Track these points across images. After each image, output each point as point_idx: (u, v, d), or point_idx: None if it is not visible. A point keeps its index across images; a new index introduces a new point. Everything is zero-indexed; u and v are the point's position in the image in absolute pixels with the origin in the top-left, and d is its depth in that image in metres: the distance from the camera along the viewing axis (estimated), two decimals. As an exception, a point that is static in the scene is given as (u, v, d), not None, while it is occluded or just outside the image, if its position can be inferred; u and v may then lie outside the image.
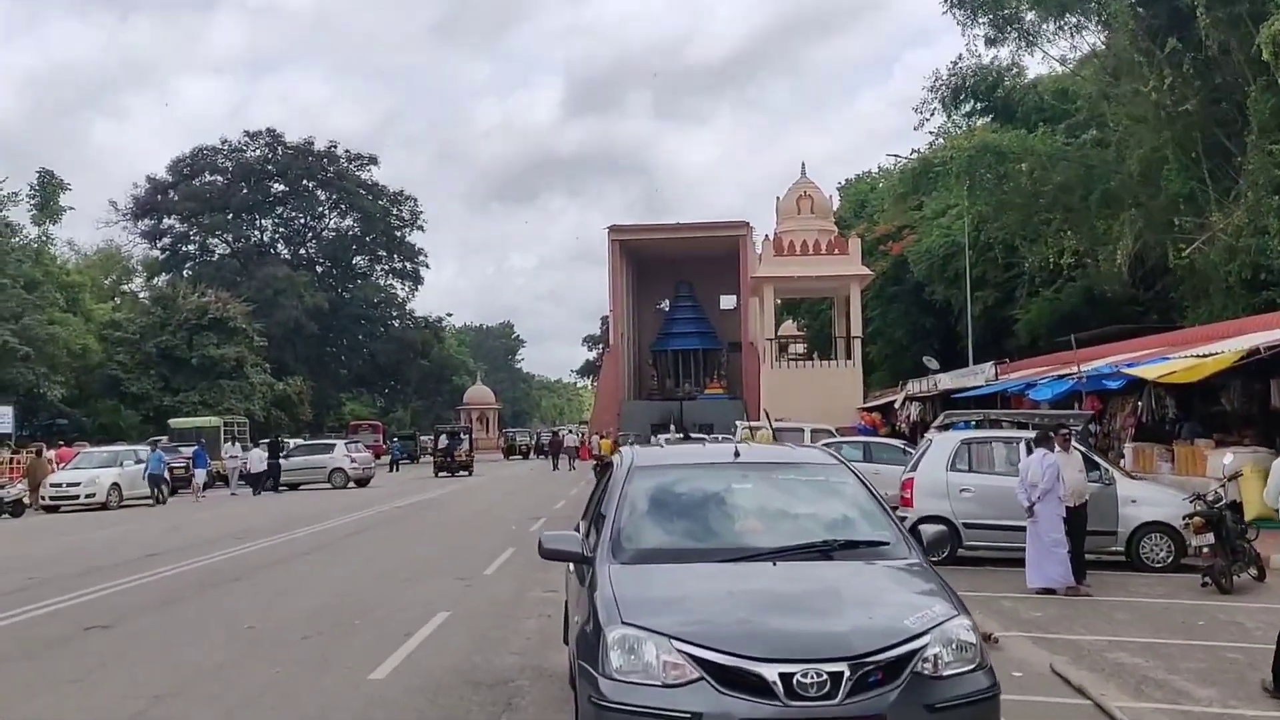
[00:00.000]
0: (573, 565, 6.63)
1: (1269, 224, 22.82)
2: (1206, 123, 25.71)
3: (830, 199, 52.63)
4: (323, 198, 78.48)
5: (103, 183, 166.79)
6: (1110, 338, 26.69)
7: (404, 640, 9.87)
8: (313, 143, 76.09)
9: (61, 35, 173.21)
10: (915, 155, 37.65)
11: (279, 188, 77.13)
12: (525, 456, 75.85)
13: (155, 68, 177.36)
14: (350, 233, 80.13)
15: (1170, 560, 13.63)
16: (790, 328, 62.42)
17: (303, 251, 79.40)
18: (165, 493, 31.98)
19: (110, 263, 71.28)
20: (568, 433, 65.84)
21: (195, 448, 36.27)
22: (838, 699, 4.67)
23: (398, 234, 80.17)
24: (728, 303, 76.98)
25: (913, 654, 4.84)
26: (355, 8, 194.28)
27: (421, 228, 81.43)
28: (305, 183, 76.43)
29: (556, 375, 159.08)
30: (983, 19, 30.38)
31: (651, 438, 40.64)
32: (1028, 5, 29.62)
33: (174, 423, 45.85)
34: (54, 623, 11.45)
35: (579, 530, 7.00)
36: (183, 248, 75.47)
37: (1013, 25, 30.57)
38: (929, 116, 34.84)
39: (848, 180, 64.80)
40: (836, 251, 46.40)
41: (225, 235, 76.24)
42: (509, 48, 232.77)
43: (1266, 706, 7.42)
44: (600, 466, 31.38)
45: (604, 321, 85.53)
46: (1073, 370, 21.56)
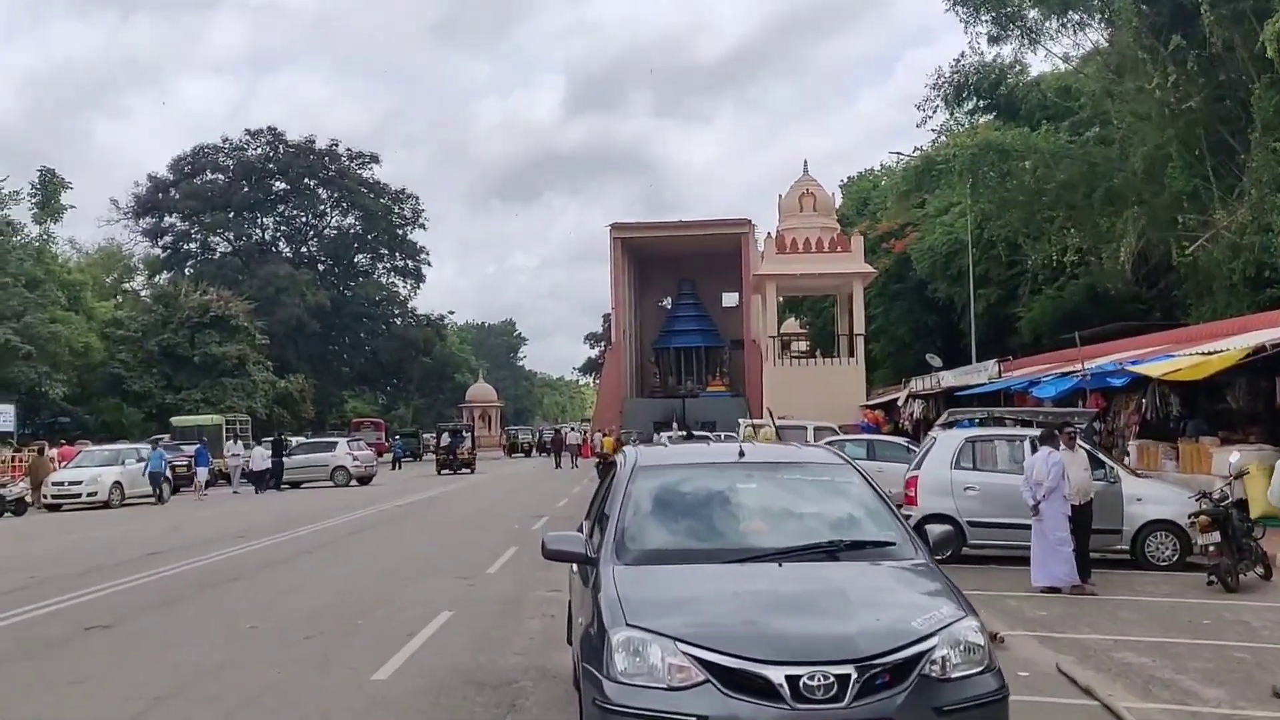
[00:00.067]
0: (576, 565, 6.57)
1: (1273, 221, 22.76)
2: (1210, 120, 25.63)
3: (832, 197, 52.56)
4: (324, 196, 78.42)
5: (104, 181, 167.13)
6: (1114, 335, 26.62)
7: (406, 640, 9.82)
8: (314, 141, 76.20)
9: (62, 34, 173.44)
10: (918, 153, 37.62)
11: (280, 186, 77.08)
12: (527, 454, 75.93)
13: (156, 66, 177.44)
14: (352, 231, 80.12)
15: (1175, 559, 13.59)
16: (792, 325, 62.38)
17: (304, 250, 79.35)
18: (167, 491, 32.00)
19: (111, 261, 71.19)
20: (570, 430, 65.81)
21: (197, 446, 36.28)
22: (845, 702, 4.62)
23: (399, 232, 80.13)
24: (730, 300, 76.84)
25: (920, 656, 4.79)
26: (356, 6, 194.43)
27: (423, 226, 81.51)
28: (307, 181, 76.36)
29: (558, 373, 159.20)
30: (985, 16, 30.37)
31: (654, 435, 40.67)
32: (1030, 3, 29.60)
33: (176, 421, 45.85)
34: (54, 622, 11.41)
35: (582, 530, 6.96)
36: (184, 246, 75.42)
37: (1015, 23, 30.54)
38: (931, 114, 34.87)
39: (850, 178, 64.76)
40: (839, 249, 46.36)
41: (226, 234, 76.19)
42: (510, 46, 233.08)
43: (1276, 708, 7.35)
44: (603, 465, 31.48)
45: (606, 319, 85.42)
46: (1077, 368, 21.51)
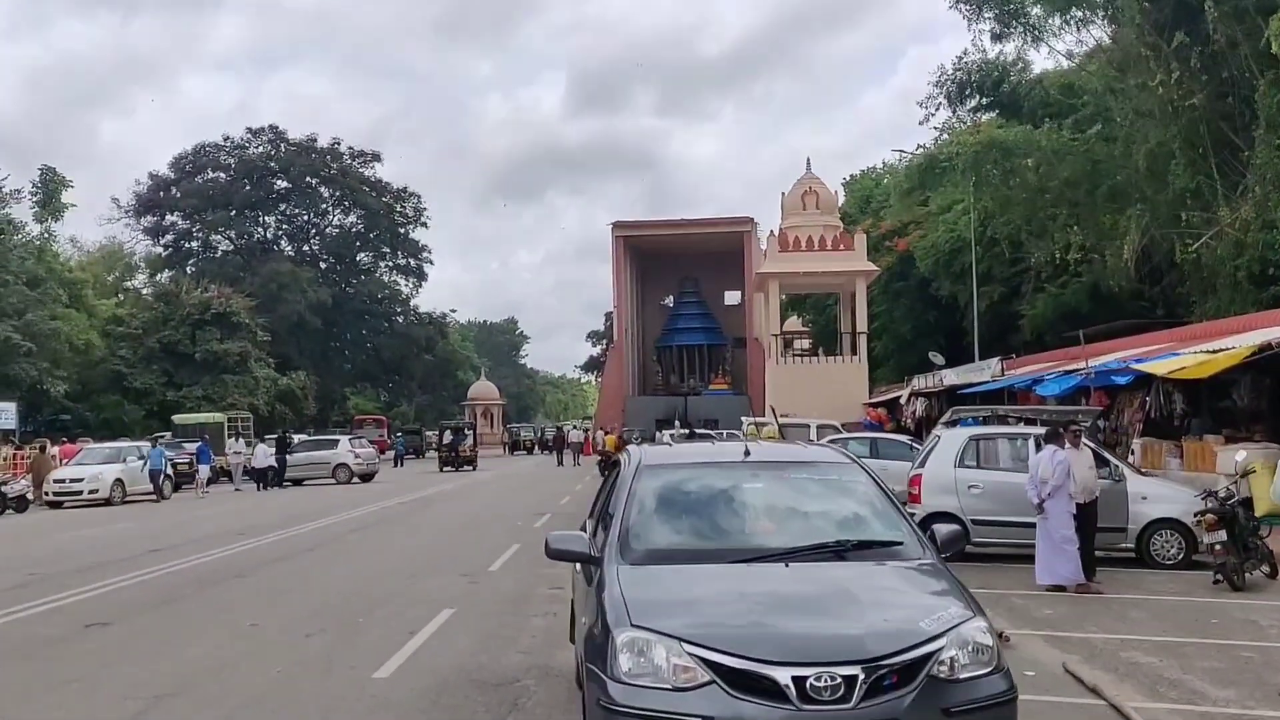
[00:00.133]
0: (579, 565, 6.52)
1: (1277, 219, 22.68)
2: (1214, 117, 25.55)
3: (835, 194, 52.50)
4: (326, 194, 78.30)
5: (105, 180, 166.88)
6: (1117, 333, 26.58)
7: (408, 638, 9.77)
8: (316, 139, 76.08)
9: (64, 32, 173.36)
10: (920, 151, 37.54)
11: (282, 184, 76.96)
12: (529, 452, 76.07)
13: (158, 65, 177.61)
14: (354, 229, 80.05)
15: (1181, 557, 13.53)
16: (795, 323, 62.31)
17: (306, 248, 79.28)
18: (168, 488, 31.99)
19: (113, 259, 71.20)
20: (572, 429, 65.84)
21: (199, 443, 36.26)
22: (852, 703, 4.57)
23: (401, 230, 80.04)
24: (732, 298, 76.78)
25: (928, 657, 4.73)
26: (358, 4, 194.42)
27: (425, 224, 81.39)
28: (308, 179, 76.24)
29: (560, 371, 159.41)
30: (989, 14, 30.30)
31: (656, 434, 40.67)
32: (1033, 0, 29.50)
33: (178, 418, 45.86)
34: (54, 620, 11.37)
35: (585, 529, 6.90)
36: (185, 244, 75.36)
37: (1018, 20, 30.44)
38: (934, 112, 34.78)
39: (852, 176, 64.69)
40: (842, 247, 46.31)
41: (228, 232, 76.10)
42: (513, 43, 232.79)
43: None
44: (605, 463, 31.44)
45: (608, 317, 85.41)
46: (1081, 366, 21.45)
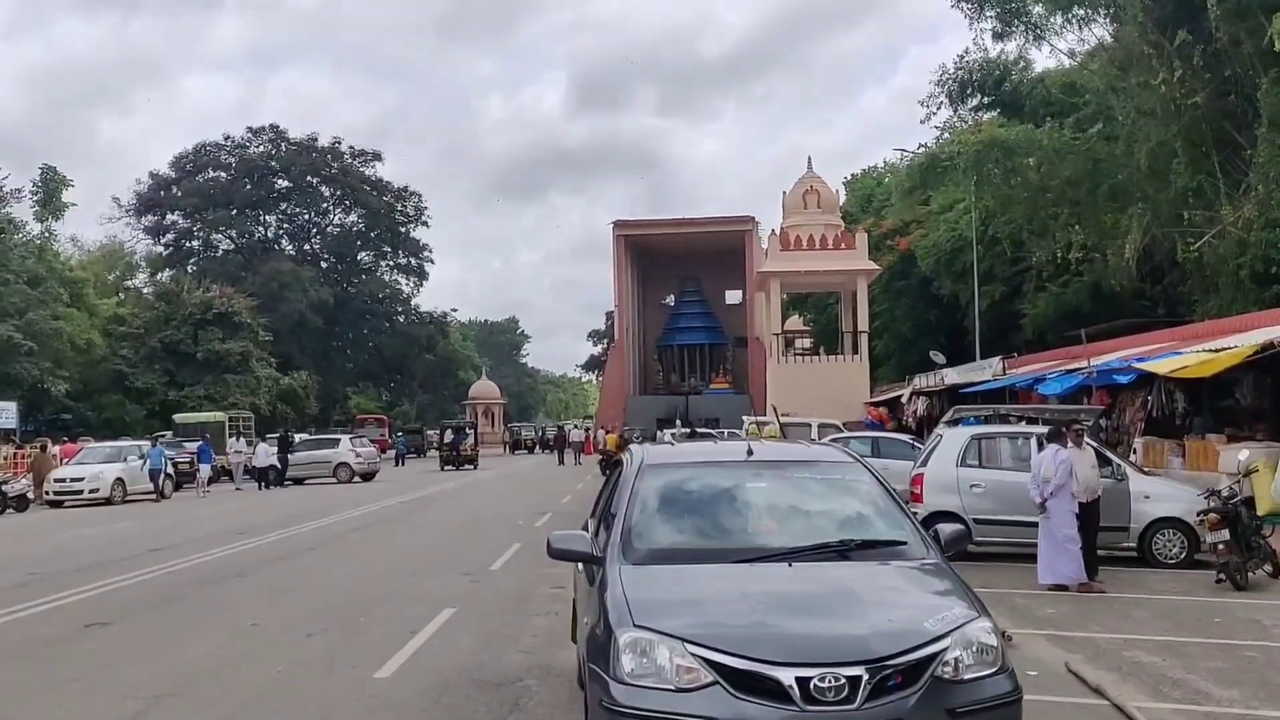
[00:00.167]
0: (581, 564, 6.49)
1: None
2: (1216, 115, 25.48)
3: (836, 193, 52.44)
4: (327, 194, 78.34)
5: (106, 179, 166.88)
6: (1119, 332, 26.53)
7: (410, 638, 9.75)
8: (316, 139, 76.17)
9: (65, 31, 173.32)
10: (922, 150, 37.49)
11: (283, 184, 76.99)
12: (530, 451, 76.16)
13: (159, 64, 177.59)
14: (355, 229, 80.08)
15: (1183, 556, 13.50)
16: (796, 323, 62.25)
17: (307, 247, 79.30)
18: (168, 487, 31.96)
19: (114, 258, 71.22)
20: (573, 428, 65.85)
21: (200, 443, 36.25)
22: (856, 704, 4.54)
23: (402, 230, 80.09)
24: (733, 297, 76.76)
25: (933, 657, 4.70)
26: (359, 3, 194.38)
27: (426, 223, 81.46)
28: (309, 179, 76.26)
29: (561, 370, 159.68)
30: (990, 12, 30.22)
31: (657, 433, 40.65)
32: (1035, -1, 29.46)
33: (179, 418, 45.82)
34: (54, 620, 11.34)
35: (587, 529, 6.87)
36: (186, 244, 75.40)
37: (1020, 19, 30.37)
38: (935, 111, 34.67)
39: (854, 175, 64.65)
40: (843, 246, 46.23)
41: (229, 231, 76.13)
42: (514, 43, 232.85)
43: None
44: (606, 462, 31.41)
45: (609, 316, 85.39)
46: (1082, 365, 21.42)
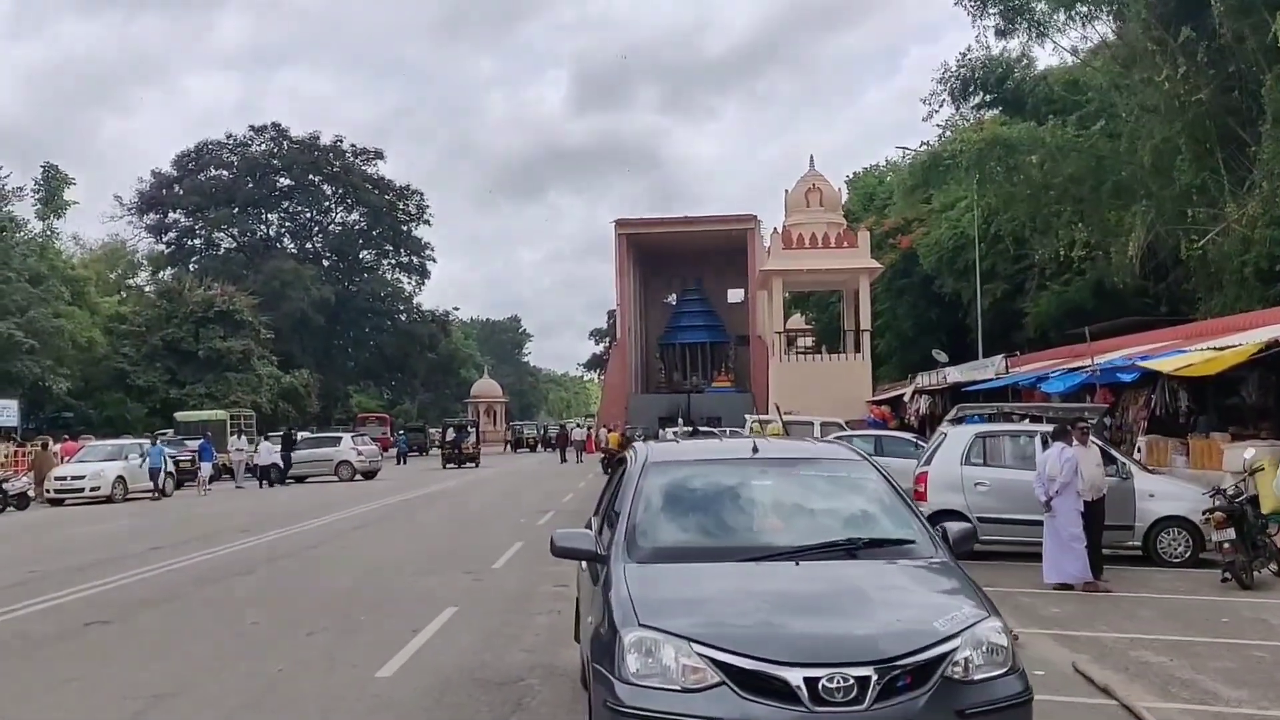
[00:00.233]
0: (585, 563, 6.42)
1: (1284, 215, 22.57)
2: (1220, 112, 25.40)
3: (839, 192, 52.37)
4: (329, 192, 78.36)
5: (108, 177, 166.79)
6: (1122, 330, 26.45)
7: (411, 636, 9.69)
8: (318, 137, 76.17)
9: (67, 30, 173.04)
10: (924, 148, 37.42)
11: (284, 182, 77.02)
12: (532, 449, 76.14)
13: (161, 63, 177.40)
14: (356, 227, 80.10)
15: (1189, 555, 13.46)
16: (798, 321, 62.17)
17: (309, 246, 79.32)
18: (168, 485, 31.93)
19: (115, 257, 71.17)
20: (575, 426, 65.82)
21: (201, 441, 36.21)
22: (865, 704, 4.47)
23: (404, 228, 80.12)
24: (736, 296, 76.61)
25: (943, 657, 4.64)
26: (362, 2, 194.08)
27: (428, 222, 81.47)
28: (311, 177, 76.28)
29: (563, 369, 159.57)
30: (993, 10, 30.24)
31: (659, 431, 40.57)
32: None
33: (180, 416, 45.82)
34: (54, 618, 11.29)
35: (590, 527, 6.81)
36: (188, 242, 75.43)
37: (1023, 16, 30.34)
38: (938, 109, 34.68)
39: (856, 173, 64.56)
40: (845, 244, 46.15)
41: (230, 230, 76.11)
42: (516, 42, 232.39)
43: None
44: (609, 461, 31.37)
45: (611, 315, 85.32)
46: (1086, 363, 21.35)
